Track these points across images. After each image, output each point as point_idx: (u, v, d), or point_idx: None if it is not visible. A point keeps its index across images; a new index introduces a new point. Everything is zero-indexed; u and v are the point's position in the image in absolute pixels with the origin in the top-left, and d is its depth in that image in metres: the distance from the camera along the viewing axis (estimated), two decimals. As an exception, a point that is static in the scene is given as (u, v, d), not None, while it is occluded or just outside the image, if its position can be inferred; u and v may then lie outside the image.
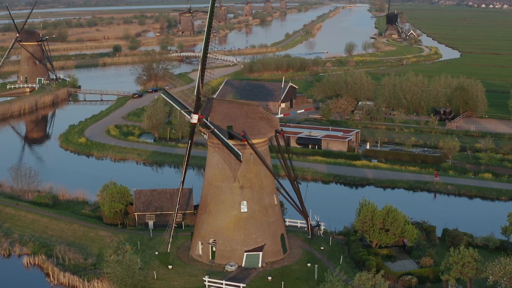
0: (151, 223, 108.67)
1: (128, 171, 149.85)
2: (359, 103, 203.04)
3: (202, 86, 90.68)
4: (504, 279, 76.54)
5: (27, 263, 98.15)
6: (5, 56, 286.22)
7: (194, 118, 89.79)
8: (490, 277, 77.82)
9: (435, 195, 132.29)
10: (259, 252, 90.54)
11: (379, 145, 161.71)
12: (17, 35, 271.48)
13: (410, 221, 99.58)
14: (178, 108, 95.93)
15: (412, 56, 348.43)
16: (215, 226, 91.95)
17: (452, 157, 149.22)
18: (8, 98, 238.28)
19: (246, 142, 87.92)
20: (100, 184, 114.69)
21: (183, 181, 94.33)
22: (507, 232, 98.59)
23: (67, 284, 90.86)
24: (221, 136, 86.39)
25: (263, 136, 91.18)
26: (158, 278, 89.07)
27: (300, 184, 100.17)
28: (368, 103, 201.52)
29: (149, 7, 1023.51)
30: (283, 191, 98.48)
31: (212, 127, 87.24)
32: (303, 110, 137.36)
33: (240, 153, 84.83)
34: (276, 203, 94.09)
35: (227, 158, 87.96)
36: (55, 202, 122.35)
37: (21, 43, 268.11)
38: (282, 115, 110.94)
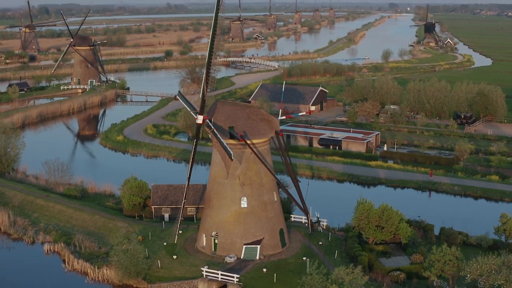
0: (166, 216, 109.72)
1: (158, 167, 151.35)
2: (385, 106, 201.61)
3: (207, 89, 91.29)
4: (483, 277, 75.11)
5: (47, 250, 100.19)
6: (60, 59, 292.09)
7: (199, 119, 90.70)
8: (468, 275, 76.46)
9: (429, 194, 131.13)
10: (257, 246, 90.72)
11: (395, 146, 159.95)
12: (71, 40, 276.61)
13: (405, 219, 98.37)
14: (189, 109, 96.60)
15: (445, 63, 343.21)
16: (217, 220, 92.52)
17: (466, 159, 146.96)
18: (61, 98, 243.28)
19: (243, 142, 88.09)
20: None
21: (189, 178, 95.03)
22: (499, 232, 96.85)
23: (79, 270, 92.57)
24: (218, 136, 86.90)
25: (263, 137, 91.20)
26: (162, 267, 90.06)
27: (299, 182, 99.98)
28: (392, 107, 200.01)
29: (206, 15, 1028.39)
30: (286, 189, 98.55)
31: (212, 127, 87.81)
32: (304, 113, 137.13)
33: (231, 152, 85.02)
34: (275, 199, 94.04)
35: (223, 156, 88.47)
36: (84, 194, 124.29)
37: (74, 48, 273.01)
38: (284, 117, 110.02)
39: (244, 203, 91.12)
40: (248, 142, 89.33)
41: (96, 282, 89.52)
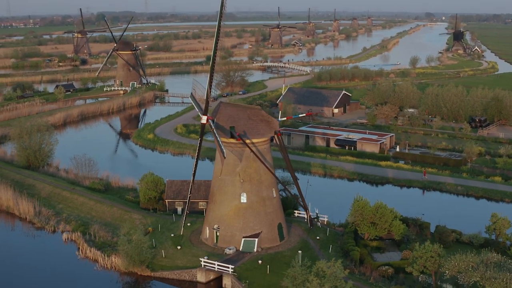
0: (179, 209, 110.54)
1: (182, 164, 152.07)
2: (404, 110, 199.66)
3: (210, 92, 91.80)
4: (462, 274, 73.80)
5: (65, 239, 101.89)
6: (103, 63, 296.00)
7: (203, 119, 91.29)
8: (447, 271, 75.23)
9: (423, 191, 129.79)
10: (255, 239, 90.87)
11: (407, 148, 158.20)
12: (115, 45, 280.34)
13: (400, 216, 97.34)
14: (197, 110, 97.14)
15: (469, 69, 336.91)
16: (219, 213, 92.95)
17: (474, 161, 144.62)
18: (103, 99, 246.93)
19: (241, 141, 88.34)
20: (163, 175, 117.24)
21: (194, 174, 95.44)
22: (489, 231, 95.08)
23: (91, 258, 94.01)
24: (216, 134, 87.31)
25: (262, 136, 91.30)
26: (166, 256, 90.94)
27: (298, 179, 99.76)
28: (411, 110, 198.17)
29: (251, 22, 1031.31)
30: (285, 186, 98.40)
31: (213, 127, 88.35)
32: (304, 114, 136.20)
33: (225, 151, 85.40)
34: (274, 196, 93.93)
35: (220, 154, 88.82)
36: (107, 188, 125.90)
37: (117, 52, 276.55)
38: (285, 118, 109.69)
39: (243, 199, 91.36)
40: (248, 141, 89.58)
41: (105, 269, 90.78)
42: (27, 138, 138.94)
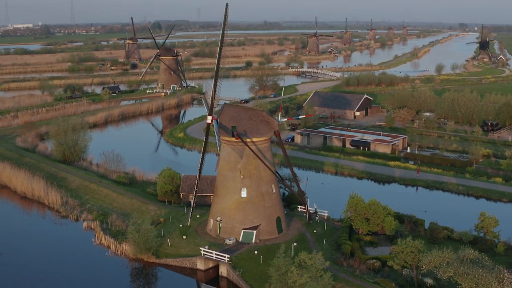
0: (192, 202, 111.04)
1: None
2: (420, 113, 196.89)
3: (215, 94, 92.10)
4: (438, 269, 72.38)
5: (85, 227, 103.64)
6: (147, 67, 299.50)
7: (208, 119, 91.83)
8: (424, 266, 73.88)
9: (417, 188, 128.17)
10: (253, 231, 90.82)
11: (416, 149, 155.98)
12: (158, 51, 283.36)
13: (393, 213, 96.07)
14: (206, 111, 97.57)
15: (492, 77, 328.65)
16: (221, 207, 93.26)
17: (480, 163, 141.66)
18: (146, 100, 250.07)
19: (239, 140, 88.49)
20: (175, 169, 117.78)
21: (200, 169, 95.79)
22: (477, 229, 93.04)
23: (105, 245, 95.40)
24: (217, 134, 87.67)
25: (262, 136, 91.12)
26: (172, 245, 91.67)
27: (297, 176, 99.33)
28: (427, 114, 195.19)
29: (293, 31, 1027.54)
30: (285, 182, 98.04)
31: (214, 126, 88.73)
32: (304, 116, 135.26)
33: (219, 149, 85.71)
34: (273, 191, 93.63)
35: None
36: (132, 181, 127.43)
37: (160, 57, 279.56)
38: (286, 119, 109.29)
39: (244, 193, 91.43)
40: (248, 140, 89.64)
41: (116, 255, 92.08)
42: (63, 135, 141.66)
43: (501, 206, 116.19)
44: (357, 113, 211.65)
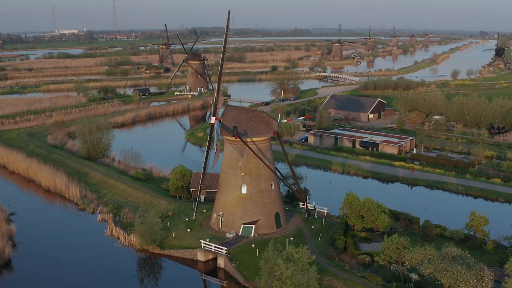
0: (202, 198, 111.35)
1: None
2: (429, 116, 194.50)
3: (218, 97, 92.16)
4: (420, 265, 71.37)
5: (100, 219, 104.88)
6: (176, 71, 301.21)
7: (212, 120, 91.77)
8: (406, 262, 72.90)
9: (411, 187, 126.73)
10: (252, 225, 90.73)
11: (422, 150, 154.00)
12: (186, 55, 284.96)
13: (387, 211, 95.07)
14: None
15: (505, 82, 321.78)
16: (223, 202, 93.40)
17: (483, 164, 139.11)
18: (174, 102, 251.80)
19: (238, 139, 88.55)
20: (190, 167, 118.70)
21: (204, 167, 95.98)
22: (468, 227, 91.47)
23: (115, 236, 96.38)
24: (216, 134, 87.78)
25: (262, 136, 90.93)
26: (176, 237, 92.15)
27: (298, 174, 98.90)
28: (437, 117, 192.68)
29: (322, 38, 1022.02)
30: (285, 180, 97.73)
31: (215, 127, 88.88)
32: (303, 118, 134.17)
33: (216, 148, 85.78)
34: (273, 188, 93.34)
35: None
36: (148, 177, 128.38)
37: (188, 62, 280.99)
38: (286, 120, 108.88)
39: (244, 190, 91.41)
40: (249, 139, 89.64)
41: (124, 245, 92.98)
42: (87, 134, 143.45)
43: (497, 205, 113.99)
44: (371, 116, 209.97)
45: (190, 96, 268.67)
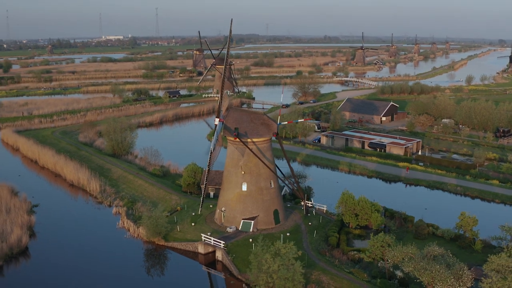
0: (211, 193, 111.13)
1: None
2: (438, 119, 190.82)
3: (222, 101, 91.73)
4: (401, 264, 69.62)
5: (115, 212, 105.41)
6: (204, 74, 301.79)
7: (216, 121, 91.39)
8: (389, 260, 71.18)
9: (406, 185, 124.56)
10: (251, 221, 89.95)
11: (427, 152, 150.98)
12: (214, 60, 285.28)
13: (381, 209, 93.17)
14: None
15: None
16: (225, 198, 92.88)
17: (484, 166, 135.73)
18: (201, 103, 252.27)
19: (238, 140, 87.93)
20: (203, 165, 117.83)
21: (209, 165, 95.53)
22: (457, 227, 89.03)
23: (126, 228, 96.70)
24: (216, 134, 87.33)
25: (261, 137, 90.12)
26: (180, 230, 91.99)
27: (295, 171, 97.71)
28: (445, 120, 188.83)
29: (348, 44, 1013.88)
30: (285, 179, 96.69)
31: (216, 128, 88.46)
32: (303, 120, 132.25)
33: (212, 147, 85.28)
34: (272, 186, 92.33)
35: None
36: (165, 174, 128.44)
37: (215, 66, 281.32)
38: (286, 122, 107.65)
39: (244, 187, 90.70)
40: (249, 140, 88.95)
41: (133, 237, 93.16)
42: (112, 133, 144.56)
43: (492, 206, 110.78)
44: (384, 118, 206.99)
45: (217, 98, 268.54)
